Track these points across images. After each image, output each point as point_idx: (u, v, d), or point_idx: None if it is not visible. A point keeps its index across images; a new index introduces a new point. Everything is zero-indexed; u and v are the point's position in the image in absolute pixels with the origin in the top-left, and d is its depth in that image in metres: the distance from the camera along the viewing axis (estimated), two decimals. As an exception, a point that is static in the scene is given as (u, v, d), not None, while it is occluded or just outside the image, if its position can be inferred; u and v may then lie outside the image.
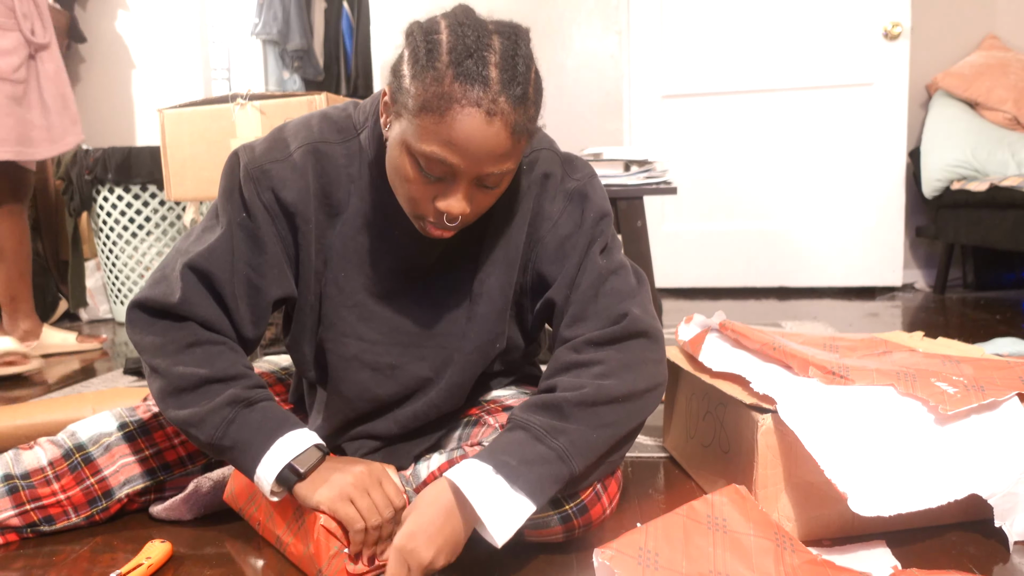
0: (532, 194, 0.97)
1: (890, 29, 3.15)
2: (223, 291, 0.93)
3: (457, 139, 0.79)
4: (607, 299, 0.93)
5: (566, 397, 0.86)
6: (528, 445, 0.83)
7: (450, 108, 0.78)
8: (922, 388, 0.98)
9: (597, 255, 0.96)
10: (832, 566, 0.86)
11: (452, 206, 0.84)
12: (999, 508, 0.93)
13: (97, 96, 3.74)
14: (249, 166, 0.95)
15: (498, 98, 0.79)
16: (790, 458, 0.97)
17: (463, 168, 0.81)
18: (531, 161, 0.98)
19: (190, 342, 0.92)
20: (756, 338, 1.16)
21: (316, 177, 0.95)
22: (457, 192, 0.84)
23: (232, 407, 0.89)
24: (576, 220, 0.97)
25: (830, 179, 3.33)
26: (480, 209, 0.88)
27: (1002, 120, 3.07)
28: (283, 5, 4.21)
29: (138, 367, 2.13)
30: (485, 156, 0.80)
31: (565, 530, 0.93)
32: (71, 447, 1.05)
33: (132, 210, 3.08)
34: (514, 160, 0.84)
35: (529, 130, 0.83)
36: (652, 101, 3.43)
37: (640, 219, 1.79)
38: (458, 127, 0.79)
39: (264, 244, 0.95)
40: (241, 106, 1.91)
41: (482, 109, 0.78)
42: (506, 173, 0.85)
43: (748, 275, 3.44)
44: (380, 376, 1.00)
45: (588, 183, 0.99)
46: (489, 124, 0.79)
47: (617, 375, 0.88)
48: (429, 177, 0.83)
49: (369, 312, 0.98)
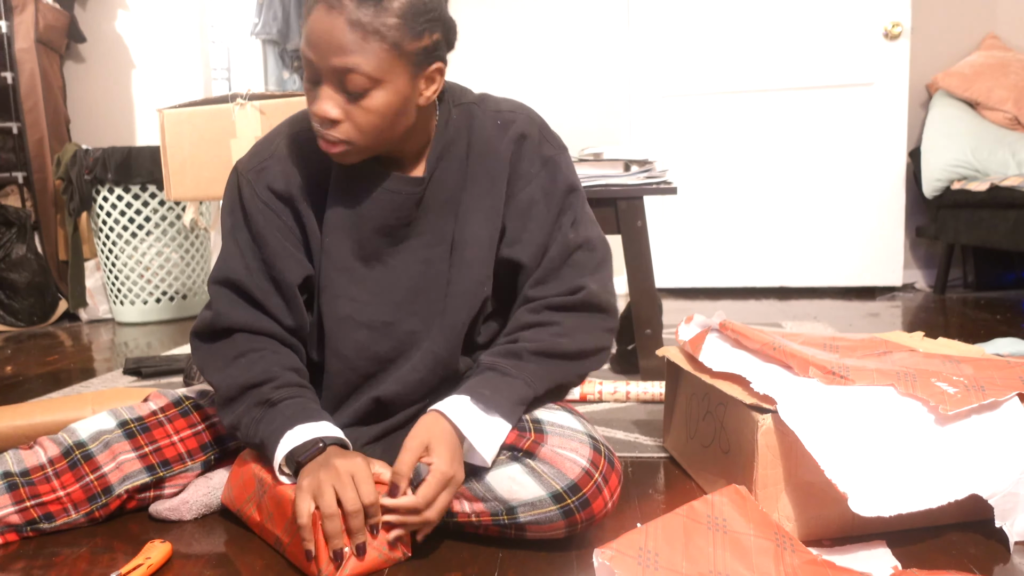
0: (509, 151, 1.03)
1: (890, 29, 3.15)
2: (250, 291, 1.02)
3: (307, 32, 0.90)
4: (570, 270, 1.03)
5: (526, 347, 0.99)
6: (496, 379, 0.97)
7: (311, 8, 0.89)
8: (922, 388, 0.97)
9: (568, 227, 1.04)
10: (832, 566, 0.86)
11: (317, 108, 0.92)
12: (999, 508, 0.93)
13: (97, 96, 3.74)
14: (244, 171, 1.04)
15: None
16: (790, 458, 0.97)
17: (315, 62, 0.90)
18: (507, 120, 1.04)
19: (235, 355, 1.01)
20: (756, 338, 1.16)
21: (301, 162, 1.03)
22: (321, 92, 0.92)
23: (260, 408, 0.97)
24: (546, 187, 1.04)
25: (830, 179, 3.33)
26: (360, 123, 0.92)
27: (1002, 120, 3.07)
28: (283, 5, 4.21)
29: (138, 367, 2.13)
30: (326, 46, 0.88)
31: (567, 525, 0.93)
32: (71, 444, 1.05)
33: (132, 210, 3.08)
34: (364, 59, 0.88)
35: (382, 34, 0.88)
36: (652, 101, 3.43)
37: (640, 219, 1.79)
38: (310, 22, 0.89)
39: (266, 239, 1.02)
40: (241, 106, 1.91)
41: (325, 3, 0.88)
42: (364, 76, 0.89)
43: (748, 275, 3.44)
44: (376, 334, 1.03)
45: (561, 155, 1.06)
46: (328, 15, 0.87)
47: (570, 335, 1.00)
48: (309, 83, 0.93)
49: (360, 274, 1.03)
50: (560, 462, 0.93)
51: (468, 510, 0.96)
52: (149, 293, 3.18)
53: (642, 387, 1.69)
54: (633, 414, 1.59)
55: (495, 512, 0.95)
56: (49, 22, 3.38)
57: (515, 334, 1.01)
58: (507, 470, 0.94)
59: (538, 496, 0.92)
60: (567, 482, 0.92)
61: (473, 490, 0.96)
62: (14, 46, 3.25)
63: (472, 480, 0.96)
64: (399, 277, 1.03)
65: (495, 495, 0.94)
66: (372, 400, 1.05)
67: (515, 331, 1.02)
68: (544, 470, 0.93)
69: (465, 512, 0.97)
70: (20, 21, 3.28)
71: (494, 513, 0.95)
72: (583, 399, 1.70)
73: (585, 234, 1.05)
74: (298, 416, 0.95)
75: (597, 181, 1.77)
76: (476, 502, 0.96)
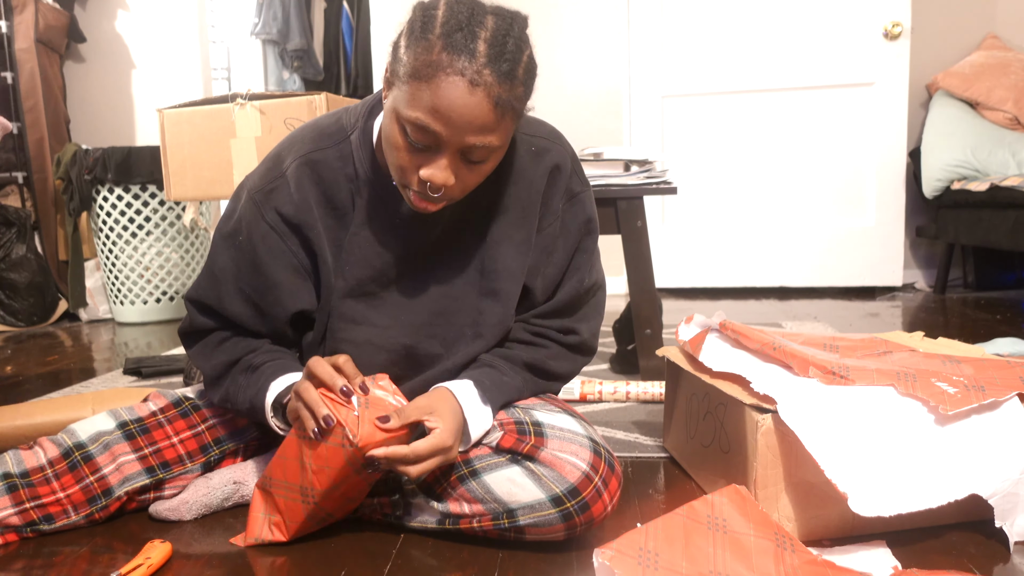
0: (543, 183, 1.03)
1: (890, 29, 3.15)
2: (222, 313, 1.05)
3: (440, 106, 0.82)
4: (571, 314, 1.09)
5: (521, 356, 1.05)
6: (496, 376, 1.02)
7: (436, 76, 0.82)
8: (922, 388, 0.97)
9: (583, 270, 1.07)
10: (832, 566, 0.85)
11: (434, 175, 0.87)
12: (999, 508, 0.93)
13: (97, 96, 3.74)
14: (252, 191, 1.01)
15: (483, 70, 0.82)
16: (790, 458, 0.97)
17: (445, 136, 0.84)
18: (542, 148, 1.03)
19: (219, 341, 1.06)
20: (756, 338, 1.16)
21: (315, 185, 1.00)
22: (440, 161, 0.87)
23: (244, 374, 1.03)
24: (567, 224, 1.06)
25: (830, 179, 3.33)
26: (466, 186, 0.91)
27: (1002, 120, 3.07)
28: (283, 5, 4.21)
29: (138, 367, 2.13)
30: (466, 125, 0.83)
31: (567, 528, 0.93)
32: (71, 446, 1.05)
33: (132, 210, 3.08)
34: (498, 136, 0.86)
35: (515, 108, 0.86)
36: (652, 101, 3.43)
37: (640, 219, 1.79)
38: (441, 94, 0.82)
39: (265, 264, 1.01)
40: (241, 106, 1.91)
41: (465, 78, 0.81)
42: (491, 149, 0.87)
43: (748, 275, 3.44)
44: (395, 356, 1.05)
45: (586, 193, 1.08)
46: (471, 93, 0.82)
47: (556, 361, 1.08)
48: (415, 145, 0.87)
49: (379, 300, 1.03)
50: (560, 465, 0.93)
51: (468, 512, 0.96)
52: (149, 293, 3.18)
53: (642, 387, 1.69)
54: (633, 414, 1.59)
55: (495, 514, 0.95)
56: (49, 22, 3.38)
57: (511, 343, 1.07)
58: (507, 472, 0.94)
59: (537, 499, 0.92)
60: (567, 485, 0.92)
61: (472, 492, 0.96)
62: (14, 46, 3.26)
63: (471, 481, 0.96)
64: (421, 301, 1.03)
65: (494, 497, 0.94)
66: None
67: (514, 343, 1.07)
68: (544, 473, 0.93)
69: (465, 514, 0.97)
70: (20, 21, 3.28)
71: (494, 515, 0.95)
72: (583, 399, 1.70)
73: (593, 278, 1.09)
74: (278, 372, 1.00)
75: (597, 181, 1.77)
76: (475, 504, 0.96)
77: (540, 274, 1.05)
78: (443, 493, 0.98)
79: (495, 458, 0.96)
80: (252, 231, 1.00)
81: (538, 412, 0.99)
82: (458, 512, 0.97)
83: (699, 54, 3.37)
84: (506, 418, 0.99)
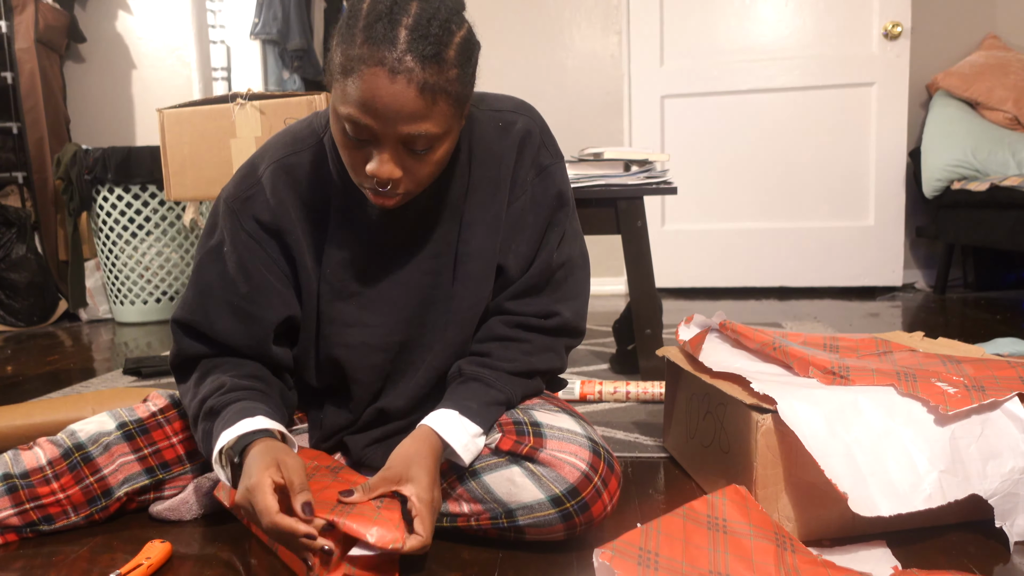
0: (512, 157, 1.01)
1: (890, 29, 3.15)
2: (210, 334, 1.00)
3: (365, 98, 0.81)
4: (549, 291, 1.04)
5: (503, 365, 1.00)
6: (483, 391, 0.97)
7: (359, 69, 0.81)
8: (922, 388, 0.97)
9: (554, 244, 1.03)
10: (832, 566, 0.85)
11: (379, 170, 0.86)
12: (999, 508, 0.93)
13: (97, 96, 3.74)
14: (228, 200, 1.00)
15: (404, 56, 0.80)
16: (790, 458, 0.97)
17: (377, 129, 0.83)
18: (509, 122, 1.02)
19: (199, 377, 1.00)
20: (756, 338, 1.16)
21: (290, 189, 1.00)
22: (382, 155, 0.85)
23: (207, 421, 0.95)
24: (537, 198, 1.02)
25: (830, 179, 3.33)
26: (419, 177, 0.89)
27: (1002, 120, 3.07)
28: (283, 5, 4.21)
29: (138, 367, 2.13)
30: (394, 115, 0.82)
31: (566, 528, 0.93)
32: (70, 446, 1.05)
33: (132, 210, 3.08)
34: (435, 123, 0.84)
35: (449, 92, 0.84)
36: (652, 101, 3.43)
37: (640, 219, 1.78)
38: (365, 86, 0.81)
39: (249, 273, 0.99)
40: (241, 106, 1.91)
41: (386, 67, 0.80)
42: (433, 137, 0.85)
43: (748, 275, 3.44)
44: (390, 354, 1.04)
45: (556, 165, 1.04)
46: (393, 82, 0.80)
47: (538, 355, 1.02)
48: (356, 141, 0.86)
49: (367, 298, 1.02)
50: (559, 465, 0.92)
51: (467, 511, 0.96)
52: (149, 293, 3.18)
53: (642, 387, 1.68)
54: (633, 414, 1.59)
55: (494, 514, 0.95)
56: (49, 22, 3.38)
57: (488, 344, 1.02)
58: (506, 472, 0.94)
59: (537, 499, 0.92)
60: (566, 486, 0.91)
61: (472, 492, 0.96)
62: (14, 46, 3.26)
63: (471, 482, 0.96)
64: (407, 293, 1.02)
65: (494, 497, 0.94)
66: (376, 410, 1.06)
67: (488, 340, 1.02)
68: (543, 473, 0.93)
69: (464, 514, 0.97)
70: (20, 21, 3.28)
71: (493, 516, 0.95)
72: (583, 399, 1.70)
73: (568, 253, 1.05)
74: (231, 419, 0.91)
75: (597, 181, 1.77)
76: (475, 503, 0.96)
77: (512, 251, 1.01)
78: (442, 493, 0.98)
79: (494, 459, 0.96)
80: (233, 240, 0.99)
81: (537, 412, 0.99)
82: (457, 512, 0.97)
83: (699, 54, 3.37)
84: (505, 419, 0.98)
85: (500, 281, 1.03)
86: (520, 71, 3.57)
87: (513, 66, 3.57)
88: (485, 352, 1.01)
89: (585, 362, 2.08)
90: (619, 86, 3.51)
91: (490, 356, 1.00)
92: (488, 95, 1.05)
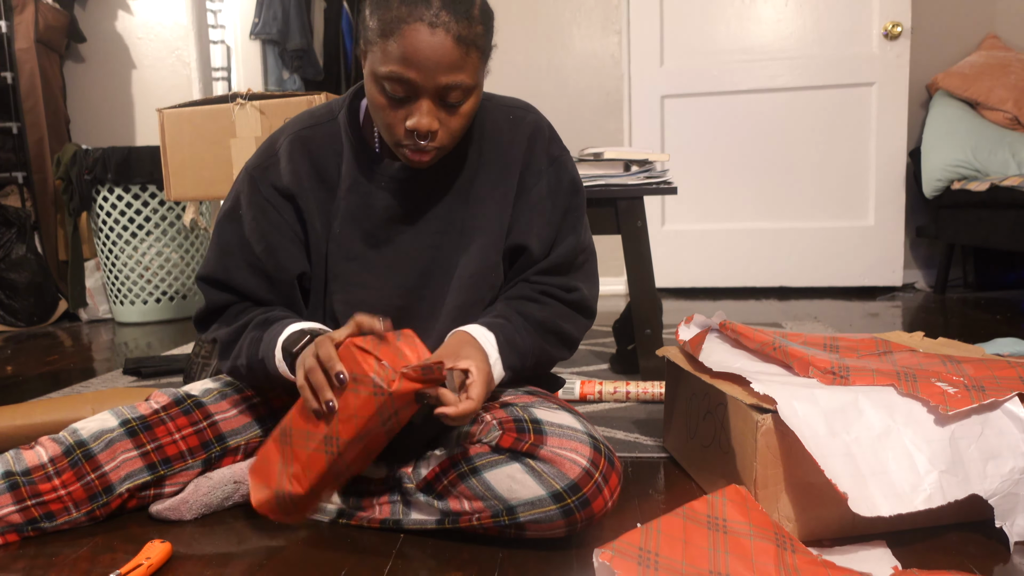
0: (522, 146, 1.08)
1: (890, 29, 3.15)
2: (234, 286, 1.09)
3: (407, 53, 0.89)
4: (571, 273, 1.11)
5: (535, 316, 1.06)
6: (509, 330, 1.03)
7: (399, 28, 0.89)
8: (922, 388, 0.97)
9: (577, 228, 1.11)
10: (832, 566, 0.85)
11: (420, 122, 0.93)
12: (999, 508, 0.93)
13: (97, 96, 3.74)
14: (250, 169, 1.10)
15: (440, 12, 0.89)
16: (790, 458, 0.97)
17: (419, 81, 0.91)
18: (519, 117, 1.10)
19: (236, 313, 1.10)
20: (756, 338, 1.16)
21: (305, 158, 1.08)
22: (421, 107, 0.93)
23: (257, 329, 1.04)
24: (553, 185, 1.10)
25: (830, 179, 3.33)
26: (452, 130, 0.96)
27: (1002, 120, 3.07)
28: (283, 5, 4.21)
29: (138, 367, 2.13)
30: (435, 66, 0.90)
31: (567, 524, 0.93)
32: (72, 444, 1.06)
33: (132, 210, 3.08)
34: (468, 74, 0.92)
35: (478, 46, 0.92)
36: (652, 101, 3.43)
37: (640, 219, 1.78)
38: (406, 42, 0.89)
39: (265, 233, 1.07)
40: (241, 106, 1.91)
41: (425, 23, 0.88)
42: (466, 89, 0.93)
43: (748, 275, 3.44)
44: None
45: (566, 156, 1.12)
46: (433, 34, 0.89)
47: (563, 320, 1.09)
48: (395, 100, 0.93)
49: (371, 261, 1.08)
50: (560, 461, 0.93)
51: (468, 509, 0.97)
52: (149, 293, 3.18)
53: (642, 387, 1.69)
54: (633, 414, 1.59)
55: (495, 512, 0.95)
56: (49, 22, 3.38)
57: (517, 301, 1.08)
58: (507, 469, 0.94)
59: (538, 495, 0.92)
60: (567, 482, 0.92)
61: (473, 489, 0.96)
62: (14, 46, 3.26)
63: (471, 479, 0.96)
64: (409, 262, 1.07)
65: (495, 494, 0.94)
66: None
67: (516, 298, 1.08)
68: (544, 469, 0.93)
69: (465, 512, 0.97)
70: (20, 21, 3.28)
71: (494, 513, 0.95)
72: (583, 399, 1.70)
73: (587, 239, 1.14)
74: (290, 322, 1.02)
75: (597, 181, 1.77)
76: (476, 501, 0.96)
77: (534, 233, 1.08)
78: (443, 491, 0.98)
79: (495, 456, 0.96)
80: (251, 204, 1.08)
81: (537, 410, 0.99)
82: (458, 510, 0.97)
83: (699, 54, 3.37)
84: (505, 416, 0.98)
85: (523, 260, 1.09)
86: (520, 71, 3.57)
87: (513, 66, 3.57)
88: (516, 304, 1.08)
89: (585, 362, 2.08)
90: (619, 86, 3.52)
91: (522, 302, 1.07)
92: (496, 95, 1.13)
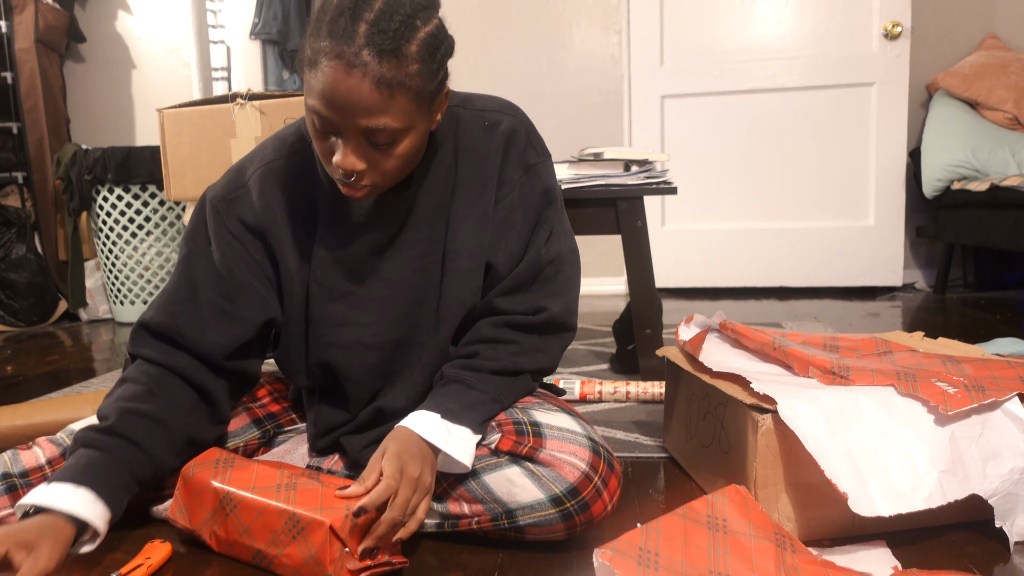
0: (498, 156, 1.02)
1: (890, 29, 3.15)
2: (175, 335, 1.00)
3: (324, 91, 0.83)
4: (537, 287, 1.03)
5: (487, 364, 0.99)
6: (464, 392, 0.97)
7: (320, 62, 0.83)
8: (922, 388, 0.97)
9: (542, 241, 1.03)
10: (832, 566, 0.85)
11: (342, 161, 0.87)
12: (999, 508, 0.93)
13: (97, 96, 3.74)
14: (214, 201, 1.02)
15: (360, 51, 0.81)
16: (790, 458, 0.97)
17: (336, 121, 0.85)
18: (494, 121, 1.02)
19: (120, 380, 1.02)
20: (756, 338, 1.16)
21: (279, 192, 1.01)
22: (345, 147, 0.87)
23: (73, 444, 0.95)
24: (525, 196, 1.03)
25: (830, 179, 3.33)
26: (384, 169, 0.90)
27: (1002, 120, 3.07)
28: (283, 5, 4.21)
29: (138, 367, 2.12)
30: (350, 108, 0.83)
31: (567, 528, 0.93)
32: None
33: (132, 210, 3.08)
34: (394, 117, 0.85)
35: (408, 86, 0.84)
36: (652, 101, 3.43)
37: (640, 219, 1.78)
38: (322, 79, 0.83)
39: (231, 272, 1.01)
40: (241, 106, 1.91)
41: (343, 61, 0.82)
42: (394, 131, 0.86)
43: (748, 275, 3.44)
44: (385, 353, 1.03)
45: (543, 163, 1.04)
46: (349, 75, 0.82)
47: (526, 355, 1.02)
48: (322, 133, 0.88)
49: (359, 298, 1.02)
50: (559, 465, 0.92)
51: (467, 512, 0.96)
52: (149, 293, 3.18)
53: (642, 387, 1.69)
54: (633, 414, 1.59)
55: (494, 515, 0.95)
56: (49, 22, 3.38)
57: (474, 346, 1.01)
58: (506, 472, 0.94)
59: (537, 499, 0.92)
60: (566, 486, 0.92)
61: (472, 492, 0.96)
62: (14, 46, 3.26)
63: (471, 481, 0.96)
64: (398, 290, 1.02)
65: (494, 497, 0.94)
66: (375, 410, 1.05)
67: (475, 343, 1.02)
68: (543, 473, 0.93)
69: (465, 515, 0.97)
70: (20, 21, 3.28)
71: (493, 516, 0.95)
72: (583, 399, 1.70)
73: (556, 249, 1.05)
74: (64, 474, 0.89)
75: (597, 181, 1.77)
76: (475, 504, 0.96)
77: (501, 248, 1.02)
78: (443, 494, 0.98)
79: (494, 459, 0.96)
80: (216, 240, 1.01)
81: (536, 412, 0.99)
82: (458, 512, 0.97)
83: (699, 54, 3.37)
84: (504, 419, 0.98)
85: (489, 279, 1.03)
86: (520, 71, 3.57)
87: (513, 66, 3.57)
88: (471, 353, 1.01)
89: (585, 362, 2.08)
90: (619, 86, 3.51)
91: (475, 357, 1.00)
92: (475, 96, 1.06)
